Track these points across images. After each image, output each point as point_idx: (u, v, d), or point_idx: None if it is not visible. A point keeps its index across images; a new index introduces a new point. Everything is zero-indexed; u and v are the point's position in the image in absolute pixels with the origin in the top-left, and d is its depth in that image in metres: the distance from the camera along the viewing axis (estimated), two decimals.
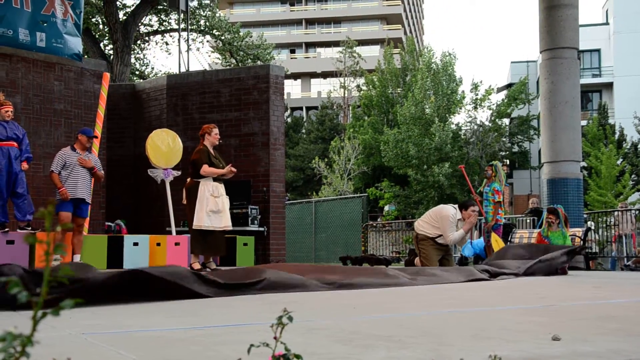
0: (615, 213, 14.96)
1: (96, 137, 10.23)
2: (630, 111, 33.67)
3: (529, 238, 12.24)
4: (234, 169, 8.95)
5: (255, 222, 12.81)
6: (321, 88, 60.38)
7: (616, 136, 33.46)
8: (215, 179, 8.89)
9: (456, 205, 9.85)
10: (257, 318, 3.60)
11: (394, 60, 37.90)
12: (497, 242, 10.85)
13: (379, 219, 32.47)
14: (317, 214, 20.51)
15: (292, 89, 62.04)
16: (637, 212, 15.35)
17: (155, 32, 27.94)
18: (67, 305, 1.08)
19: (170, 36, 28.21)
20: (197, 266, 8.69)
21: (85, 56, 18.33)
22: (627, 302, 5.03)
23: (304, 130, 48.06)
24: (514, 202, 38.82)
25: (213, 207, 8.69)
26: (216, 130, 9.16)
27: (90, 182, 9.28)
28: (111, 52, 24.64)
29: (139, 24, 24.92)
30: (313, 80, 64.26)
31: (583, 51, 35.79)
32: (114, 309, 4.15)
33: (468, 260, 12.53)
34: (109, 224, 13.48)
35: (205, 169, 8.75)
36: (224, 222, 8.83)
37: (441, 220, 9.57)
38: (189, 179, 9.04)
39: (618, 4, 38.96)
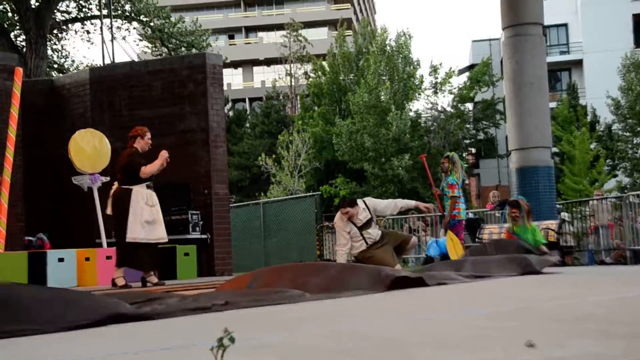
0: (591, 202, 15.21)
1: None
2: (602, 90, 34.15)
3: (498, 233, 12.40)
4: (166, 154, 8.81)
5: (197, 229, 12.70)
6: (265, 77, 60.11)
7: (588, 118, 34.09)
8: (147, 187, 8.79)
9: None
10: (202, 337, 3.55)
11: (347, 43, 37.99)
12: (452, 241, 10.85)
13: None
14: (266, 216, 20.44)
15: (233, 79, 61.67)
16: (614, 200, 15.57)
17: (75, 20, 27.44)
18: None
19: (92, 24, 27.75)
20: (121, 282, 8.63)
21: None
22: (606, 299, 5.13)
23: (247, 125, 47.85)
24: (481, 194, 39.26)
25: (148, 218, 8.58)
26: (149, 135, 9.04)
27: None
28: (23, 43, 24.10)
29: (55, 11, 24.43)
30: (255, 69, 63.98)
31: (549, 26, 36.43)
32: (33, 336, 4.04)
33: (434, 260, 12.64)
34: (29, 238, 13.18)
35: (145, 169, 8.63)
36: (158, 233, 8.72)
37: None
38: (115, 186, 8.92)
39: None
